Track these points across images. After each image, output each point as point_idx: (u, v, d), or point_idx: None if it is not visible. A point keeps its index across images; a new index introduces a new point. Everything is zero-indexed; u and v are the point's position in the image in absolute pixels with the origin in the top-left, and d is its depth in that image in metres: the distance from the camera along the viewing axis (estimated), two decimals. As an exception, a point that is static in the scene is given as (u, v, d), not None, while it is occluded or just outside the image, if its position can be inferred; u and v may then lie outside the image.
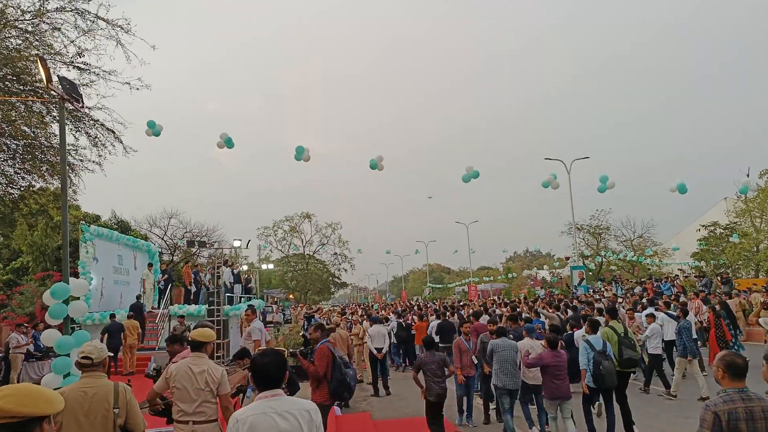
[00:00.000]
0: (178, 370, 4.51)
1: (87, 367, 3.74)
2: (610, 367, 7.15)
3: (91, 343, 3.94)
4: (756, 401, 3.23)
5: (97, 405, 3.59)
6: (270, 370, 2.97)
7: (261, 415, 2.85)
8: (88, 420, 3.54)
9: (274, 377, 2.98)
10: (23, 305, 19.53)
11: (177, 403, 4.44)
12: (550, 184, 17.98)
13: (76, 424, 3.53)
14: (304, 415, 2.93)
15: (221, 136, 12.96)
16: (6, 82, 9.78)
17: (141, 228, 34.06)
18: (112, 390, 3.67)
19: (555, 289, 39.41)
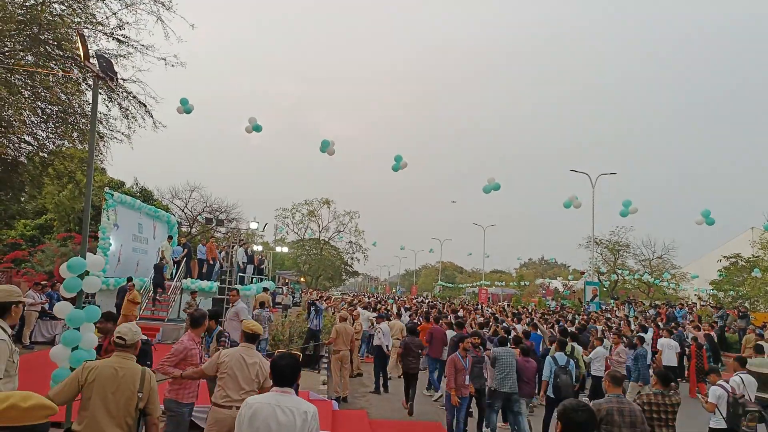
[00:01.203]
0: (231, 357, 4.81)
1: (120, 347, 3.92)
2: (567, 380, 8.21)
3: (127, 324, 4.10)
4: (625, 404, 4.95)
5: (124, 386, 3.74)
6: (286, 372, 3.44)
7: (266, 405, 3.29)
8: (114, 398, 3.70)
9: (289, 377, 3.44)
10: (43, 263, 19.95)
11: (224, 388, 4.73)
12: (572, 204, 17.78)
13: (103, 400, 3.67)
14: (302, 414, 3.28)
15: (250, 121, 13.05)
16: (47, 47, 9.93)
17: (163, 198, 34.50)
18: (140, 374, 3.84)
19: (567, 302, 39.05)
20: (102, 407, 3.68)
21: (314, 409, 3.40)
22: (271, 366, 3.53)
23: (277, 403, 3.30)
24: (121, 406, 3.72)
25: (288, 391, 3.40)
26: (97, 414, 3.67)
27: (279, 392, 3.39)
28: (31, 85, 9.86)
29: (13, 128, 10.05)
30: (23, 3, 9.28)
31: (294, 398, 3.41)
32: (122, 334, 3.95)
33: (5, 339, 3.71)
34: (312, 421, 3.31)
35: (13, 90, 9.08)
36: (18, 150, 11.09)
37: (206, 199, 37.36)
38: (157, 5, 10.38)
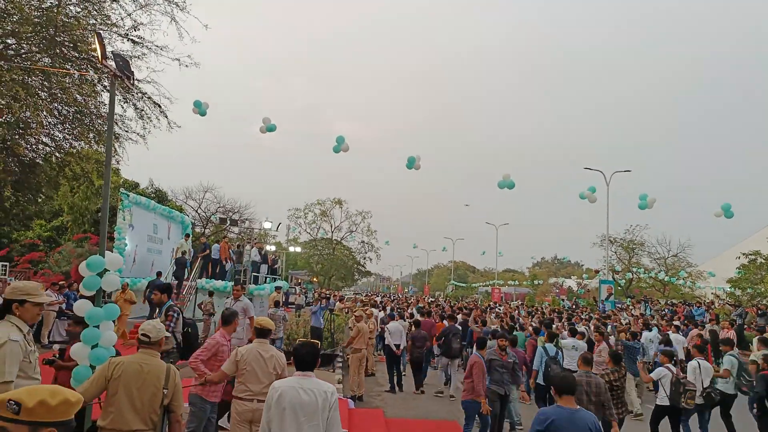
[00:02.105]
0: (249, 353, 5.03)
1: (144, 344, 3.97)
2: (556, 369, 8.67)
3: (151, 322, 4.14)
4: (592, 377, 6.34)
5: (149, 382, 3.79)
6: (307, 358, 3.85)
7: (290, 387, 3.73)
8: (139, 394, 3.74)
9: (309, 362, 3.86)
10: (60, 264, 20.17)
11: (244, 383, 4.97)
12: (587, 198, 17.60)
13: (128, 396, 3.72)
14: (321, 394, 3.72)
15: (264, 121, 13.09)
16: (63, 49, 10.01)
17: (177, 199, 34.77)
18: (164, 371, 3.88)
19: (581, 301, 38.77)
20: (128, 403, 3.72)
21: (333, 388, 3.84)
22: (294, 353, 3.90)
23: (299, 385, 3.73)
24: (146, 402, 3.75)
25: (309, 374, 3.82)
26: (123, 409, 3.71)
27: (301, 376, 3.81)
28: (48, 86, 9.96)
29: (31, 129, 10.15)
30: (39, 5, 9.36)
31: (314, 380, 3.80)
32: (146, 332, 3.98)
33: (17, 340, 3.67)
34: (331, 398, 3.74)
35: (31, 91, 9.17)
36: (35, 151, 11.21)
37: (219, 199, 37.65)
38: (170, 6, 10.43)
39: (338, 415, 3.79)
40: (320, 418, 3.65)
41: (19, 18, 9.01)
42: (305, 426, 3.62)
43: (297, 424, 3.62)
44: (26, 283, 3.90)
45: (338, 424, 3.78)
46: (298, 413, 3.64)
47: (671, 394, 7.71)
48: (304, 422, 3.63)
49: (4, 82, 8.36)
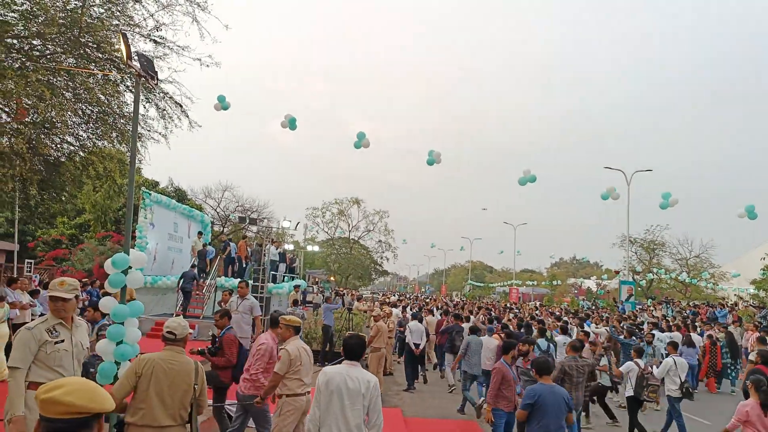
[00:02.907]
0: (298, 350, 5.37)
1: (170, 341, 4.01)
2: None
3: (176, 319, 4.18)
4: (579, 361, 7.26)
5: (179, 379, 3.85)
6: (355, 348, 4.28)
7: (338, 374, 4.11)
8: (170, 391, 3.79)
9: (357, 352, 4.29)
10: (83, 261, 20.51)
11: (300, 378, 5.33)
12: (610, 196, 17.34)
13: (159, 393, 3.76)
14: (364, 383, 4.08)
15: (285, 117, 13.12)
16: (87, 50, 10.14)
17: (196, 198, 35.11)
18: (194, 367, 3.93)
19: (601, 302, 38.35)
20: (158, 399, 3.76)
21: (375, 379, 4.21)
22: (343, 343, 4.37)
23: (346, 373, 4.12)
24: (176, 399, 3.80)
25: (355, 364, 4.22)
26: (154, 406, 3.75)
27: (348, 365, 4.21)
28: (73, 86, 10.09)
29: (56, 129, 10.31)
30: (64, 7, 9.49)
31: (360, 369, 4.20)
32: (172, 329, 4.02)
33: (31, 328, 3.82)
34: (373, 389, 4.11)
35: (56, 91, 9.31)
36: (60, 150, 11.37)
37: (238, 198, 37.93)
38: (192, 6, 10.50)
39: (380, 403, 4.15)
40: (362, 403, 4.04)
41: (45, 19, 9.15)
42: (349, 409, 4.01)
43: (342, 406, 4.02)
44: (55, 279, 4.03)
45: (379, 410, 4.13)
46: (344, 397, 4.02)
47: (635, 387, 8.46)
48: (348, 405, 4.01)
49: (31, 82, 8.49)
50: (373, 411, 4.10)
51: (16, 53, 9.55)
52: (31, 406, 3.67)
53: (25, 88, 8.45)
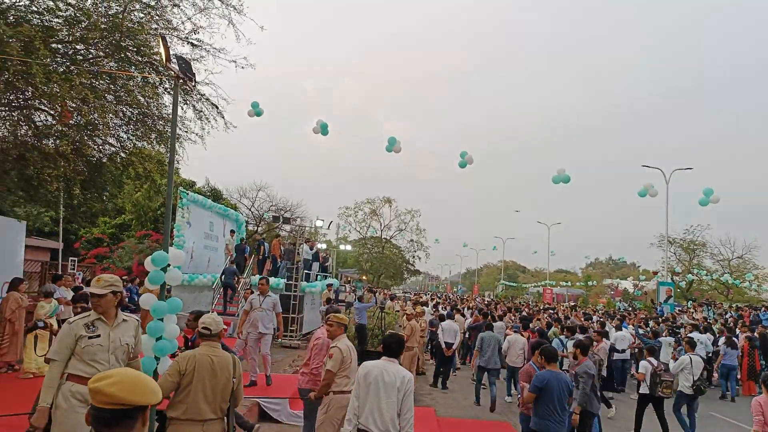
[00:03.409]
0: (347, 348, 5.54)
1: (206, 337, 4.12)
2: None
3: (210, 315, 4.30)
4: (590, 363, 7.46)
5: (220, 372, 3.97)
6: (393, 346, 4.65)
7: (377, 368, 4.44)
8: (212, 384, 3.92)
9: (395, 350, 4.65)
10: (123, 259, 21.10)
11: (348, 376, 5.47)
12: (647, 193, 16.85)
13: (202, 388, 3.89)
14: (400, 378, 4.38)
15: (317, 122, 13.21)
16: (128, 53, 10.41)
17: (231, 197, 35.69)
18: (232, 361, 4.05)
19: (638, 303, 37.45)
20: (201, 394, 3.86)
21: (410, 375, 4.50)
22: (383, 341, 4.74)
23: (384, 367, 4.44)
24: (217, 393, 3.91)
25: (393, 360, 4.55)
26: (198, 400, 3.86)
27: (386, 360, 4.53)
28: (114, 89, 10.37)
29: (98, 131, 10.61)
30: (106, 12, 9.77)
31: (396, 365, 4.51)
32: (207, 325, 4.13)
33: (71, 322, 3.96)
34: (408, 383, 4.40)
35: (98, 94, 9.59)
36: (101, 151, 11.70)
37: (272, 198, 38.38)
38: (228, 9, 10.66)
39: (412, 398, 4.42)
40: (396, 396, 4.34)
41: (88, 24, 9.43)
42: (384, 400, 4.32)
43: (378, 397, 4.33)
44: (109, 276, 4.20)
45: (411, 405, 4.38)
46: (380, 389, 4.34)
47: (650, 384, 8.69)
48: (383, 397, 4.33)
49: (75, 85, 8.77)
50: (405, 405, 4.36)
51: (61, 58, 9.88)
52: (66, 395, 3.80)
53: (70, 92, 8.72)
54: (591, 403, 7.18)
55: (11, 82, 9.07)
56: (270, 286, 16.91)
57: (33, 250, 19.15)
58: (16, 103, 10.20)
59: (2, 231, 13.01)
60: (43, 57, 8.40)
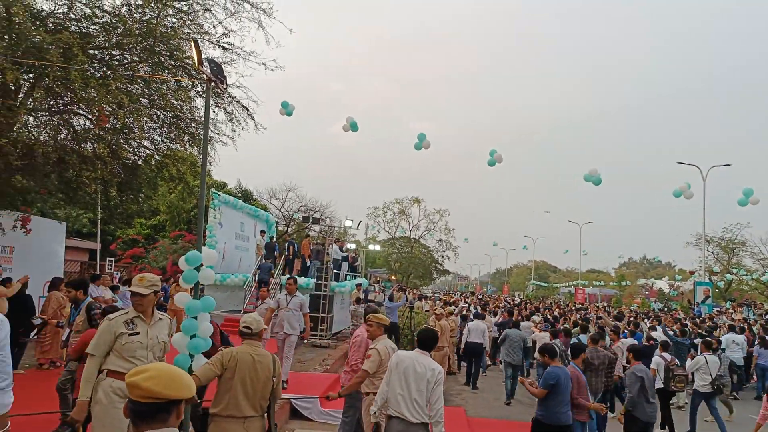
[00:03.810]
0: (386, 349, 5.47)
1: (247, 336, 4.20)
2: None
3: (252, 315, 4.39)
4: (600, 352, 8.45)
5: (261, 371, 4.04)
6: (426, 341, 4.89)
7: (409, 358, 4.71)
8: (253, 382, 3.98)
9: (428, 344, 4.88)
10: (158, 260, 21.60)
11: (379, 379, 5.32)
12: (683, 194, 16.40)
13: (243, 385, 3.97)
14: (430, 370, 4.61)
15: (347, 120, 13.28)
16: (161, 58, 10.66)
17: (262, 198, 36.14)
18: (272, 360, 4.13)
19: (674, 303, 36.51)
20: (241, 391, 3.94)
21: (440, 368, 4.75)
22: (418, 335, 5.06)
23: (416, 359, 4.70)
24: (258, 390, 3.98)
25: (425, 353, 4.78)
26: (238, 397, 3.93)
27: (419, 353, 4.78)
28: (148, 93, 10.64)
29: (133, 134, 10.90)
30: (141, 18, 10.03)
31: (428, 358, 4.74)
32: (248, 324, 4.21)
33: (111, 319, 4.07)
34: (438, 375, 4.63)
35: (133, 98, 9.84)
36: (137, 154, 12.01)
37: (301, 198, 38.71)
38: (258, 12, 10.83)
39: (441, 390, 4.63)
40: (425, 387, 4.56)
41: (123, 30, 9.70)
42: (414, 389, 4.57)
43: (407, 385, 4.58)
44: (135, 275, 4.31)
45: (440, 396, 4.59)
46: (410, 378, 4.59)
47: (663, 379, 9.02)
48: (413, 386, 4.57)
49: (111, 90, 9.02)
50: (434, 396, 4.58)
51: (98, 63, 10.18)
52: (106, 390, 3.91)
53: (106, 96, 8.98)
54: (638, 408, 6.82)
55: (51, 88, 9.40)
56: (299, 286, 17.18)
57: (72, 250, 19.77)
58: (56, 108, 10.56)
59: (44, 232, 13.46)
60: (81, 63, 8.68)
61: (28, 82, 9.63)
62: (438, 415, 4.54)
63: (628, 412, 6.92)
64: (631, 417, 6.87)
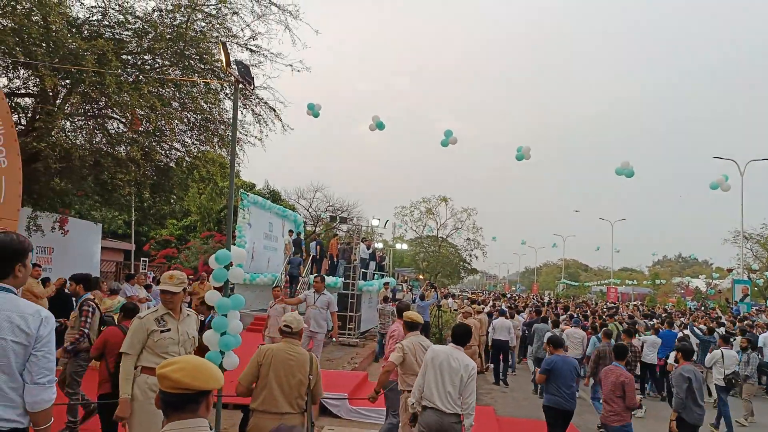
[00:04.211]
0: (413, 345, 5.62)
1: (287, 335, 4.29)
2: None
3: (292, 314, 4.49)
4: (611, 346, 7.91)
5: (296, 369, 4.12)
6: (460, 335, 5.14)
7: (443, 353, 4.95)
8: (287, 380, 4.07)
9: (461, 339, 5.12)
10: (189, 260, 22.04)
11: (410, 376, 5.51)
12: (720, 186, 15.93)
13: (278, 381, 4.06)
14: (464, 365, 4.84)
15: (373, 119, 13.33)
16: (191, 61, 10.88)
17: (290, 198, 36.51)
18: (308, 359, 4.21)
19: (711, 302, 35.52)
20: (277, 387, 4.03)
21: (473, 363, 4.97)
22: (452, 330, 5.30)
23: (450, 353, 4.92)
24: (293, 388, 4.06)
25: (459, 348, 5.03)
26: (274, 392, 4.03)
27: (453, 347, 5.03)
28: (179, 96, 10.87)
29: (165, 137, 11.15)
30: (171, 23, 10.26)
31: (462, 353, 4.98)
32: (289, 323, 4.30)
33: (141, 317, 4.19)
34: (472, 371, 4.85)
35: (165, 102, 10.08)
36: (168, 156, 12.28)
37: (329, 198, 38.98)
38: (284, 14, 10.97)
39: (473, 385, 4.84)
40: (459, 382, 4.79)
41: (154, 35, 9.94)
42: (448, 383, 4.79)
43: (442, 379, 4.81)
44: (165, 273, 4.44)
45: (472, 390, 4.81)
46: (444, 372, 4.81)
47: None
48: (447, 380, 4.80)
49: (143, 94, 9.25)
50: (467, 390, 4.81)
51: (131, 68, 10.45)
52: (142, 387, 4.04)
53: (139, 100, 9.22)
54: (686, 410, 6.43)
55: (87, 93, 9.69)
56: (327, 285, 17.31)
57: (108, 251, 20.35)
58: (91, 112, 10.88)
59: (81, 233, 13.90)
60: (114, 68, 8.93)
61: (65, 87, 9.94)
62: (470, 408, 4.79)
63: (678, 416, 6.44)
64: (678, 419, 6.45)
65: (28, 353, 2.57)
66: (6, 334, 2.52)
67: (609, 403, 6.29)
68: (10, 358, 2.52)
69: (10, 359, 2.52)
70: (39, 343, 2.59)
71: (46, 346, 2.63)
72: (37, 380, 2.56)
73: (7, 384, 2.52)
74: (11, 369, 2.53)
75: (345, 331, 14.77)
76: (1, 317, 2.54)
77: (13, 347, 2.53)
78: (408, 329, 5.78)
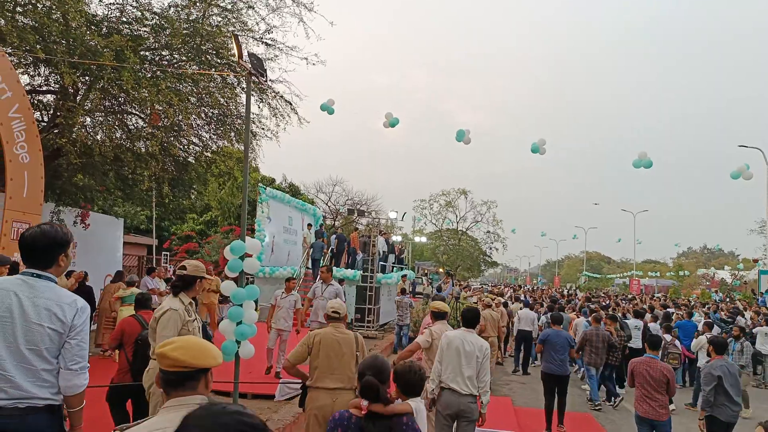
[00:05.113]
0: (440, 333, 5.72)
1: (334, 320, 4.74)
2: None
3: (337, 301, 4.93)
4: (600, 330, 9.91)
5: (344, 348, 4.55)
6: (470, 318, 5.43)
7: (457, 337, 5.18)
8: (337, 358, 4.49)
9: (473, 321, 5.45)
10: (210, 254, 22.32)
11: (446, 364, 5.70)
12: (741, 175, 15.55)
13: (328, 360, 4.48)
14: (479, 347, 5.14)
15: (387, 116, 13.30)
16: (208, 56, 10.97)
17: (309, 192, 36.72)
18: (354, 338, 4.66)
19: (737, 294, 34.84)
20: (327, 366, 4.46)
21: (487, 344, 5.28)
22: (462, 313, 5.57)
23: (463, 337, 5.18)
24: (343, 365, 4.49)
25: (471, 331, 5.31)
26: (325, 371, 4.46)
27: (465, 331, 5.29)
28: (197, 91, 10.97)
29: (183, 132, 11.28)
30: (187, 18, 10.35)
31: (474, 335, 5.26)
32: (336, 309, 4.75)
33: (178, 309, 4.21)
34: (486, 351, 5.16)
35: (182, 97, 10.18)
36: (187, 151, 12.42)
37: (348, 192, 39.14)
38: (299, 7, 10.99)
39: (488, 364, 5.17)
40: (475, 362, 5.06)
41: (171, 31, 10.03)
42: (464, 365, 5.04)
43: (459, 362, 5.06)
44: (198, 263, 4.58)
45: (488, 370, 5.10)
46: (461, 356, 5.07)
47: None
48: (464, 363, 5.05)
49: (161, 90, 9.36)
50: (483, 370, 5.09)
51: (149, 64, 10.58)
52: None
53: (157, 96, 9.34)
54: (719, 407, 5.97)
55: (106, 89, 9.85)
56: (347, 278, 17.35)
57: (131, 246, 20.70)
58: (111, 108, 11.05)
59: (103, 228, 14.15)
60: (132, 64, 9.05)
61: (85, 84, 10.11)
62: (486, 385, 5.12)
63: (708, 414, 6.03)
64: (710, 416, 6.02)
65: (63, 340, 2.75)
66: (44, 320, 2.70)
67: (654, 398, 5.92)
68: (47, 344, 2.70)
69: (46, 344, 2.70)
70: (73, 332, 2.77)
71: (80, 334, 2.79)
72: (69, 366, 2.74)
73: (42, 366, 2.70)
74: (47, 354, 2.71)
75: (364, 324, 14.83)
76: (42, 305, 2.71)
77: (50, 333, 2.71)
78: (435, 318, 6.02)
